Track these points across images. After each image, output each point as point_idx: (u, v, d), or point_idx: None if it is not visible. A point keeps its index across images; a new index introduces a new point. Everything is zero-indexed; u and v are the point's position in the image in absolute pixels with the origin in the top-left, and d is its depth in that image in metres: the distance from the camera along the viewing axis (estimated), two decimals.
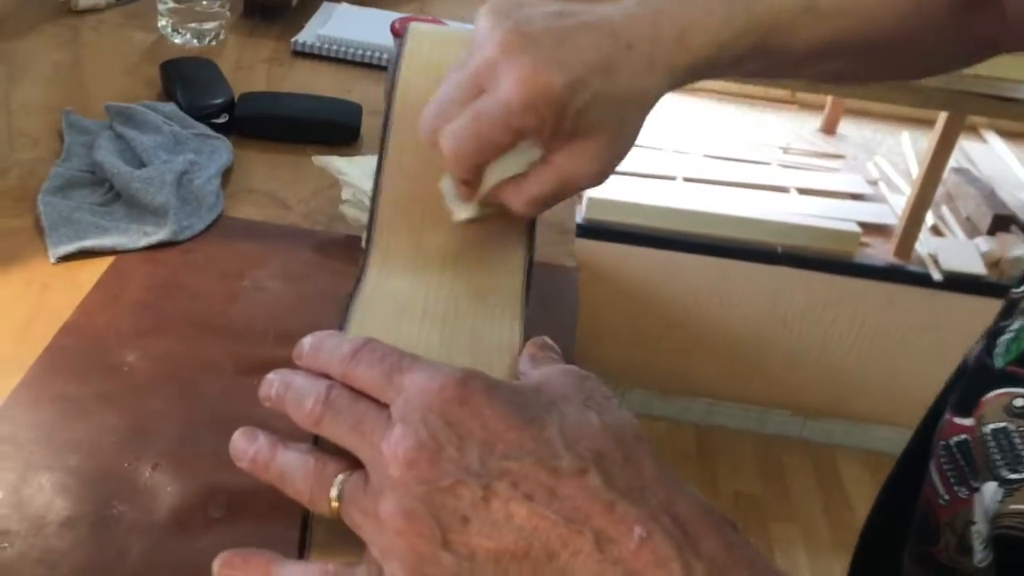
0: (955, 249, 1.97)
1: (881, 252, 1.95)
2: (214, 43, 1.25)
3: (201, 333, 0.78)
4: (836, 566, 1.88)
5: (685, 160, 2.07)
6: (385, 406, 0.41)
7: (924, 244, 1.95)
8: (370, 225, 0.49)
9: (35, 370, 0.71)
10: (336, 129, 1.07)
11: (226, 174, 0.98)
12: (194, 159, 0.96)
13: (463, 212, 0.53)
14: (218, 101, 1.05)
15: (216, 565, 0.45)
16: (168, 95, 1.09)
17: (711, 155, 2.13)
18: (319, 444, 0.44)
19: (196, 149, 0.99)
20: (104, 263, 0.83)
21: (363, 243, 0.56)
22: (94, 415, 0.69)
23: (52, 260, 0.82)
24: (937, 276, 1.92)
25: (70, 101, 1.04)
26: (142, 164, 0.93)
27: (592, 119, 0.49)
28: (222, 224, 0.92)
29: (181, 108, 1.03)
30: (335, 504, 0.42)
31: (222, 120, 1.04)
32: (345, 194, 0.91)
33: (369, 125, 1.12)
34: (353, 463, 0.42)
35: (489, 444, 0.38)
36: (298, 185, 1.00)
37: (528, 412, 0.39)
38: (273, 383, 0.46)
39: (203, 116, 1.03)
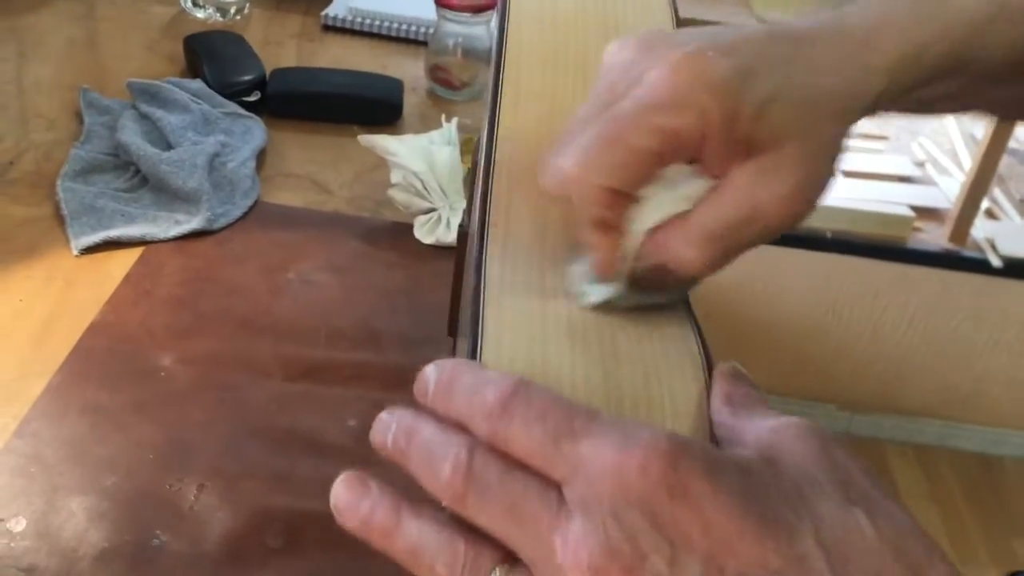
0: (1013, 233, 1.87)
1: (934, 237, 1.86)
2: (238, 17, 1.16)
3: (244, 332, 0.69)
4: None
5: None
6: (554, 483, 0.29)
7: (980, 228, 1.85)
8: (482, 206, 0.38)
9: (61, 376, 0.63)
10: (377, 107, 0.98)
11: (260, 156, 0.90)
12: (226, 140, 0.88)
13: (598, 291, 0.36)
14: (248, 77, 0.96)
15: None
16: (193, 72, 1.00)
17: None
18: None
19: (227, 129, 0.90)
20: (132, 255, 0.75)
21: (469, 224, 0.46)
22: (129, 428, 0.60)
23: (75, 252, 0.74)
24: (996, 262, 1.82)
25: (87, 79, 0.95)
26: (169, 146, 0.84)
27: (776, 122, 0.35)
28: (259, 211, 0.83)
29: (209, 85, 0.95)
30: None
31: (253, 98, 0.96)
32: (394, 177, 0.82)
33: (411, 103, 1.03)
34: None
35: (715, 556, 0.27)
36: (339, 168, 0.91)
37: (768, 510, 0.27)
38: (389, 429, 0.32)
39: (233, 94, 0.95)
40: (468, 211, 0.49)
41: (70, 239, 0.75)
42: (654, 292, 0.37)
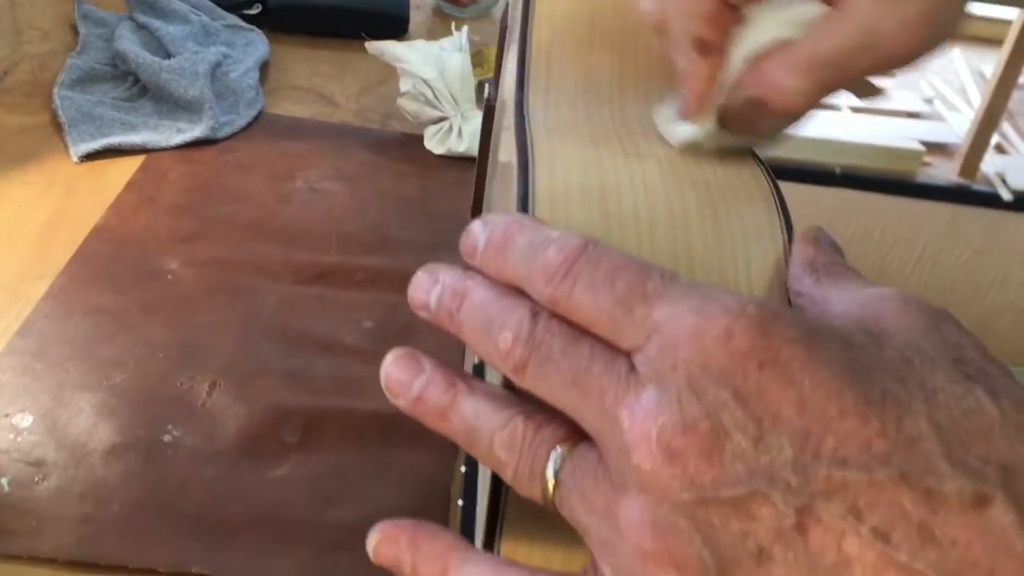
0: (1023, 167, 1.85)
1: (944, 172, 1.83)
2: None
3: (252, 237, 0.67)
4: None
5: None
6: (623, 351, 0.26)
7: (990, 163, 1.83)
8: (520, 57, 0.35)
9: (63, 278, 0.61)
10: (382, 20, 0.95)
11: (263, 70, 0.87)
12: (227, 52, 0.85)
13: (683, 130, 0.33)
14: None
15: (373, 540, 0.29)
16: None
17: None
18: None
19: (228, 41, 0.87)
20: (134, 162, 0.72)
21: (496, 96, 0.43)
22: (137, 328, 0.58)
23: (74, 159, 0.71)
24: (1007, 195, 1.79)
25: None
26: (168, 56, 0.81)
27: None
28: (264, 121, 0.80)
29: None
30: (550, 489, 0.27)
31: (254, 11, 0.92)
32: (404, 86, 0.80)
33: (417, 20, 1.00)
34: (579, 426, 0.27)
35: (811, 436, 0.23)
36: (345, 81, 0.88)
37: (874, 385, 0.23)
38: (433, 289, 0.29)
39: (233, 6, 0.92)
40: (495, 80, 0.46)
41: (69, 146, 0.72)
42: (742, 134, 0.33)
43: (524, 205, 0.30)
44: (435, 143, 0.79)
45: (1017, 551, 0.22)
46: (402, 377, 0.29)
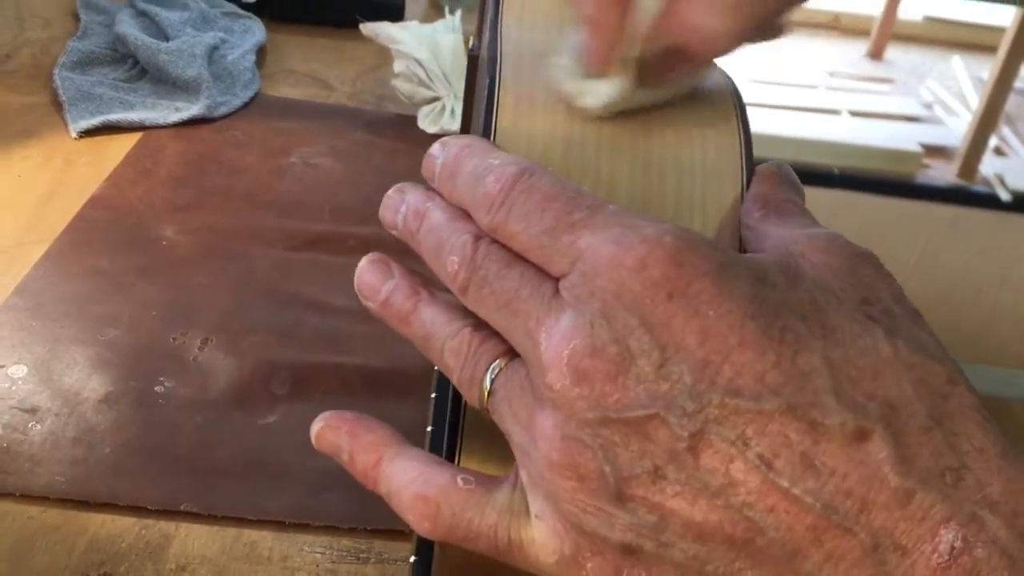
0: (1022, 168, 1.86)
1: (943, 173, 1.84)
2: None
3: (247, 207, 0.68)
4: None
5: None
6: (551, 277, 0.27)
7: (989, 165, 1.84)
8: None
9: (60, 243, 0.62)
10: (377, 8, 0.96)
11: (260, 55, 0.88)
12: (224, 37, 0.86)
13: (597, 90, 0.31)
14: None
15: (316, 426, 0.31)
16: None
17: (755, 80, 2.02)
18: None
19: (226, 28, 0.89)
20: (131, 139, 0.74)
21: (480, 48, 0.44)
22: (131, 288, 0.59)
23: (73, 135, 0.72)
24: (1005, 196, 1.81)
25: None
26: (167, 39, 0.83)
27: None
28: (260, 102, 0.82)
29: None
30: (486, 396, 0.29)
31: (252, 0, 0.94)
32: (398, 66, 0.81)
33: (412, 10, 1.02)
34: None
35: (709, 365, 0.24)
36: (340, 67, 0.90)
37: (776, 320, 0.24)
38: (399, 209, 0.31)
39: None
40: (479, 31, 0.47)
41: (68, 123, 0.73)
42: (658, 87, 0.32)
43: (489, 117, 0.31)
44: (429, 123, 0.80)
45: (889, 484, 0.23)
46: (373, 281, 0.31)
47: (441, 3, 1.05)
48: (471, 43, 0.56)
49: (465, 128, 0.61)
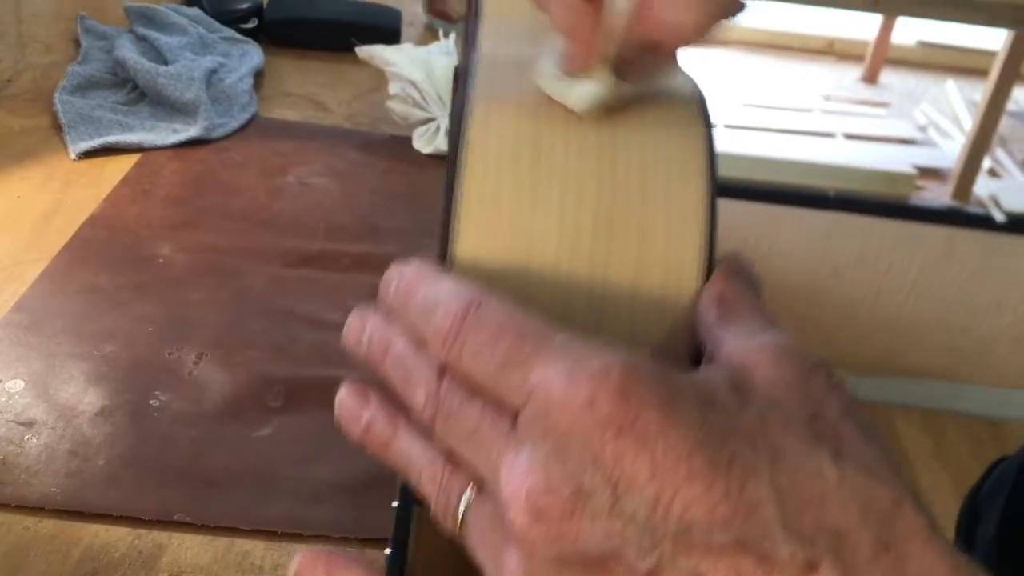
0: (1016, 190, 1.87)
1: (937, 195, 1.85)
2: None
3: (243, 226, 0.69)
4: None
5: (724, 108, 1.98)
6: (507, 409, 0.28)
7: (983, 186, 1.85)
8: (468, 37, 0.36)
9: (59, 261, 0.63)
10: (374, 34, 0.97)
11: (258, 78, 0.90)
12: (223, 61, 0.88)
13: (583, 91, 0.31)
14: (245, 5, 0.96)
15: (294, 565, 0.32)
16: (190, 4, 1.00)
17: (750, 104, 2.03)
18: None
19: (225, 52, 0.90)
20: (130, 160, 0.75)
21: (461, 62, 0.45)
22: (128, 305, 0.60)
23: (73, 156, 0.74)
24: (1000, 217, 1.81)
25: (84, 9, 0.95)
26: (166, 63, 0.84)
27: None
28: (258, 124, 0.83)
29: (206, 13, 0.95)
30: (459, 526, 0.30)
31: (251, 25, 0.96)
32: (392, 88, 0.82)
33: (409, 36, 1.03)
34: None
35: (660, 500, 0.24)
36: (337, 89, 0.91)
37: (724, 448, 0.25)
38: (363, 335, 0.31)
39: (230, 21, 0.95)
40: (465, 46, 0.48)
41: (68, 145, 0.74)
42: (638, 80, 0.33)
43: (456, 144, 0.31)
44: (423, 143, 0.82)
45: None
46: (352, 408, 0.32)
47: (436, 28, 1.07)
48: (459, 60, 0.57)
49: (454, 140, 0.62)
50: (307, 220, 0.71)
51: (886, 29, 2.24)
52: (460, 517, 0.29)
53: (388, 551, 0.39)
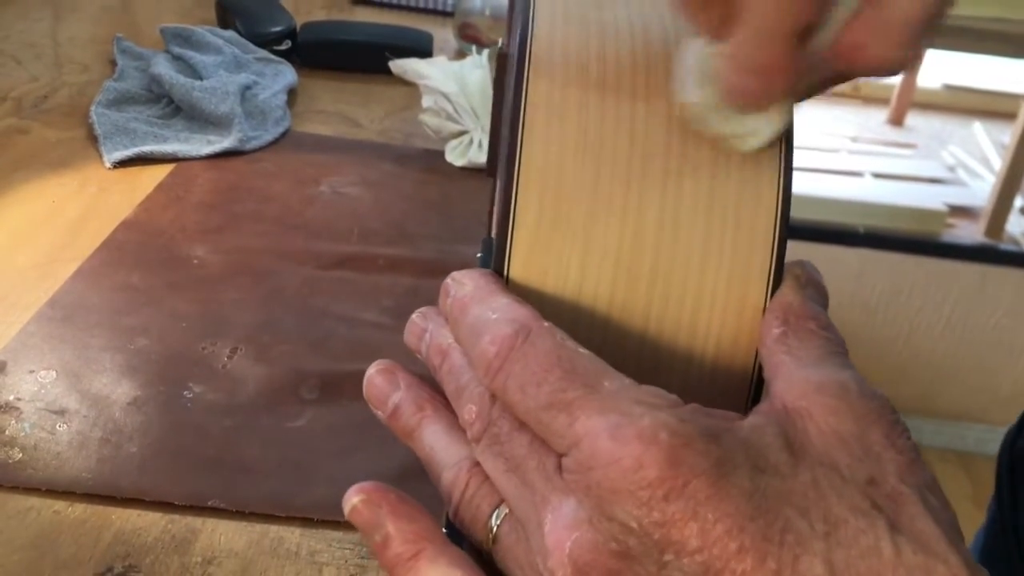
0: None
1: (969, 232, 1.83)
2: None
3: (277, 229, 0.69)
4: None
5: None
6: (552, 449, 0.26)
7: (1015, 223, 1.83)
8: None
9: (93, 260, 0.62)
10: (406, 54, 0.98)
11: (291, 96, 0.90)
12: (257, 79, 0.88)
13: (761, 131, 0.28)
14: (279, 28, 0.97)
15: (355, 498, 0.29)
16: (224, 27, 1.01)
17: None
18: None
19: (259, 71, 0.90)
20: (164, 169, 0.75)
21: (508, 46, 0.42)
22: (162, 302, 0.59)
23: (108, 165, 0.74)
24: None
25: (120, 32, 0.96)
26: (201, 79, 0.84)
27: None
28: (291, 137, 0.83)
29: (241, 35, 0.95)
30: (491, 540, 0.29)
31: (284, 47, 0.96)
32: (426, 101, 0.82)
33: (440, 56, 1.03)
34: None
35: (709, 571, 0.23)
36: (369, 107, 0.91)
37: (777, 520, 0.24)
38: (423, 338, 0.31)
39: (264, 43, 0.95)
40: (508, 30, 0.48)
41: (103, 154, 0.74)
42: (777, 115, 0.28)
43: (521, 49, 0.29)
44: (456, 156, 0.81)
45: None
46: (379, 392, 0.32)
47: (466, 53, 1.07)
48: (500, 42, 0.56)
49: (496, 128, 0.61)
50: (340, 225, 0.70)
51: (911, 72, 2.25)
52: (493, 532, 0.28)
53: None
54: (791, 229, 0.29)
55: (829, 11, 0.26)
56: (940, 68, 2.42)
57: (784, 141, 0.29)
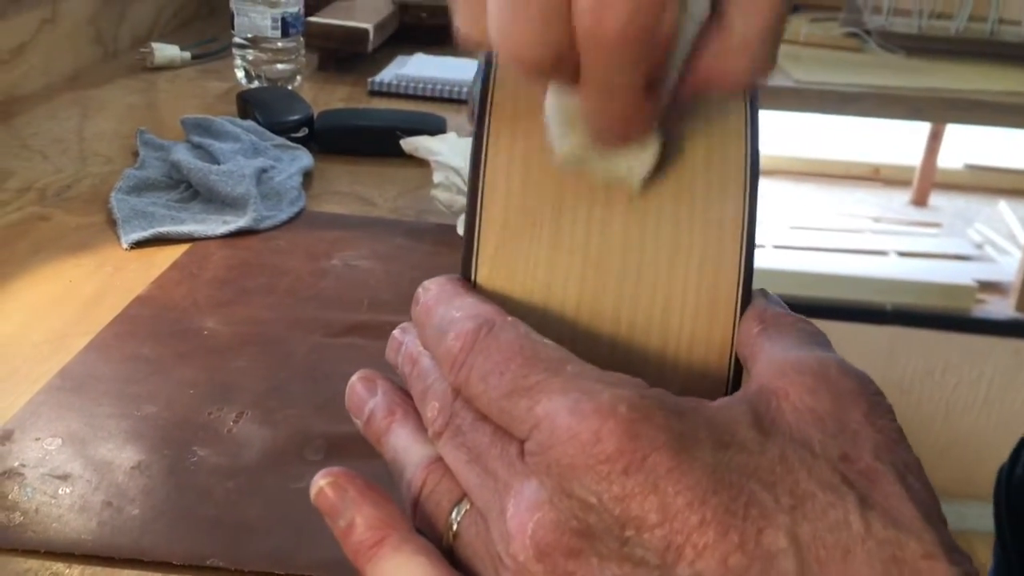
0: None
1: (1000, 308, 1.81)
2: (289, 88, 1.21)
3: (288, 301, 0.69)
4: None
5: (771, 231, 1.98)
6: (514, 437, 0.26)
7: None
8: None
9: (105, 334, 0.63)
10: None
11: (307, 178, 0.92)
12: (274, 164, 0.90)
13: (640, 163, 0.28)
14: (297, 117, 1.00)
15: (321, 481, 0.31)
16: (244, 118, 1.04)
17: (797, 226, 2.03)
18: None
19: (276, 157, 0.93)
20: (180, 249, 0.76)
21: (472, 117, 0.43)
22: (170, 371, 0.59)
23: (125, 246, 0.75)
24: None
25: (144, 127, 0.99)
26: (219, 164, 0.87)
27: None
28: (306, 216, 0.84)
29: (259, 124, 0.98)
30: (451, 537, 0.28)
31: (302, 134, 0.99)
32: (437, 177, 0.83)
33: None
34: None
35: (671, 546, 0.23)
36: (383, 188, 0.93)
37: (741, 494, 0.23)
38: (399, 350, 0.33)
39: (282, 131, 0.98)
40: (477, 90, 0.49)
41: (120, 236, 0.76)
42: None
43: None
44: None
45: None
46: (358, 399, 0.33)
47: None
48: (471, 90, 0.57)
49: (479, 136, 0.61)
50: (351, 296, 0.70)
51: (931, 153, 2.25)
52: (454, 528, 0.28)
53: None
54: (816, 308, 0.30)
55: (674, 50, 0.25)
56: (961, 148, 2.43)
57: (750, 139, 0.29)
